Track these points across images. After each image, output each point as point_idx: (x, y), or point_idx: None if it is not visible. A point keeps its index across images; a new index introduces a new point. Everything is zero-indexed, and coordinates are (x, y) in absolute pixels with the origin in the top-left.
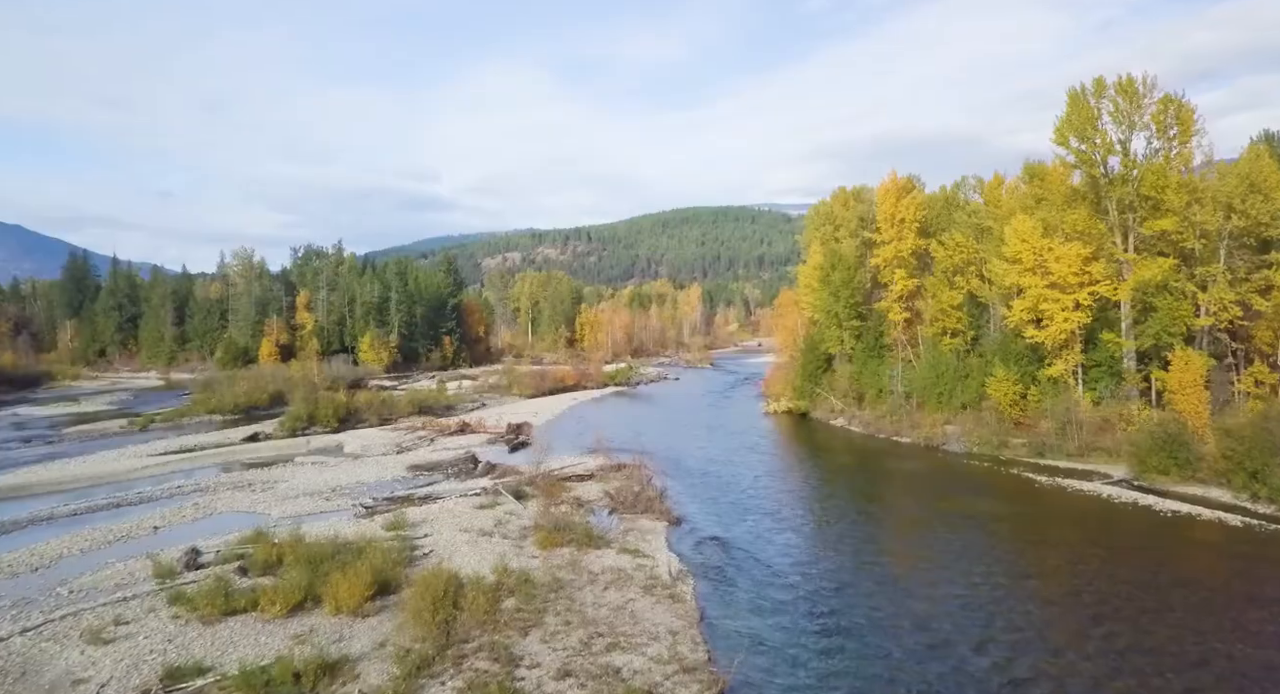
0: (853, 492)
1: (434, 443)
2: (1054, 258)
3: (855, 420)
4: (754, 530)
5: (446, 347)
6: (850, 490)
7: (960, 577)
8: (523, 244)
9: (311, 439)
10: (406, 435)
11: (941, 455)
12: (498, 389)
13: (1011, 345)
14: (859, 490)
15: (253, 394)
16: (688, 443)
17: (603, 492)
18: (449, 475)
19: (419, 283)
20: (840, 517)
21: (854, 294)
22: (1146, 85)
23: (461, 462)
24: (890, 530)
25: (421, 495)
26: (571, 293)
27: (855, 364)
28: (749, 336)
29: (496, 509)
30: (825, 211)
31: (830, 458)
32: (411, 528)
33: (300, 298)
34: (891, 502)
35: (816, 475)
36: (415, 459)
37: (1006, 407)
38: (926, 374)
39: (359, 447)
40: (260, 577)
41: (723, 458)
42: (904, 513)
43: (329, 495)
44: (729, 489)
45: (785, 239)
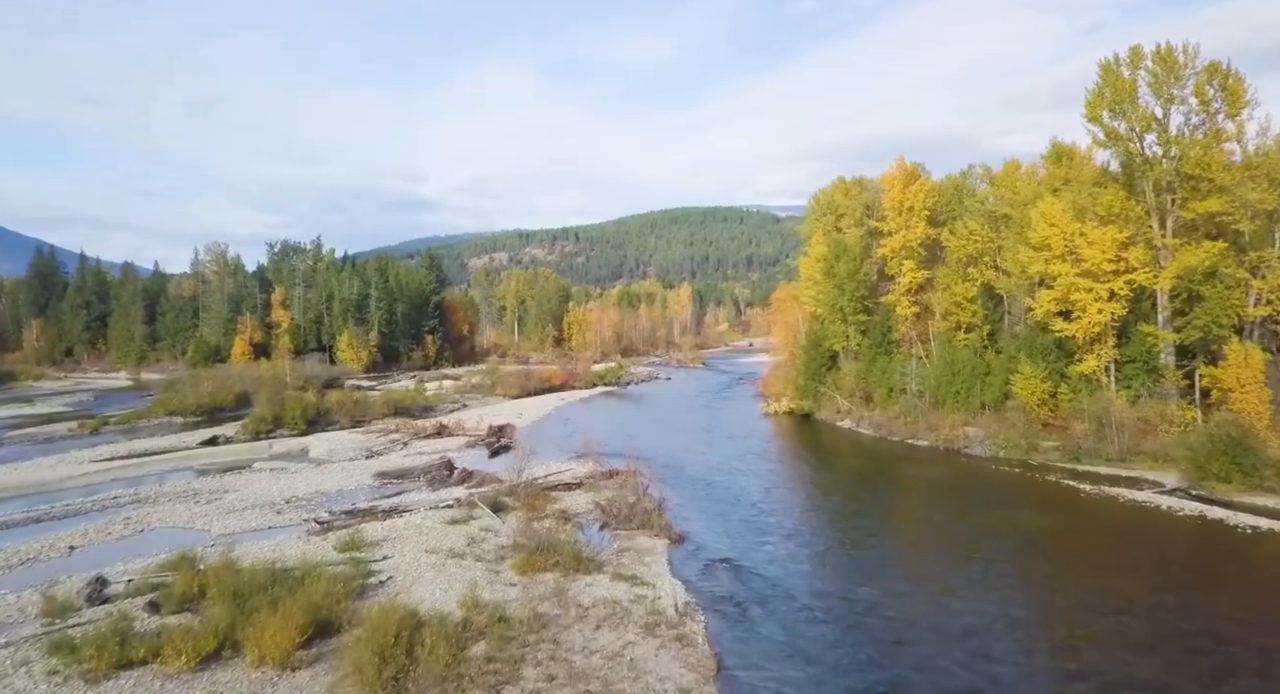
0: (875, 502)
1: (407, 447)
2: (1086, 243)
3: (864, 422)
4: (769, 550)
5: (429, 346)
6: (872, 501)
7: (1027, 612)
8: (510, 244)
9: (275, 443)
10: (379, 439)
11: (965, 460)
12: (480, 389)
13: (1037, 340)
14: (881, 501)
15: (217, 394)
16: (685, 447)
17: (593, 503)
18: (421, 484)
19: (400, 280)
20: (866, 533)
21: (859, 287)
22: (1188, 54)
23: (435, 468)
24: (927, 550)
25: (386, 508)
26: (559, 291)
27: (862, 361)
28: (739, 337)
29: (471, 524)
30: (826, 200)
31: (843, 463)
32: (369, 548)
33: (275, 295)
34: (921, 515)
35: (831, 483)
36: (385, 465)
37: (1035, 406)
38: (941, 372)
39: (325, 451)
40: (174, 614)
41: (725, 463)
42: (939, 529)
43: (282, 508)
44: (736, 500)
45: (774, 240)
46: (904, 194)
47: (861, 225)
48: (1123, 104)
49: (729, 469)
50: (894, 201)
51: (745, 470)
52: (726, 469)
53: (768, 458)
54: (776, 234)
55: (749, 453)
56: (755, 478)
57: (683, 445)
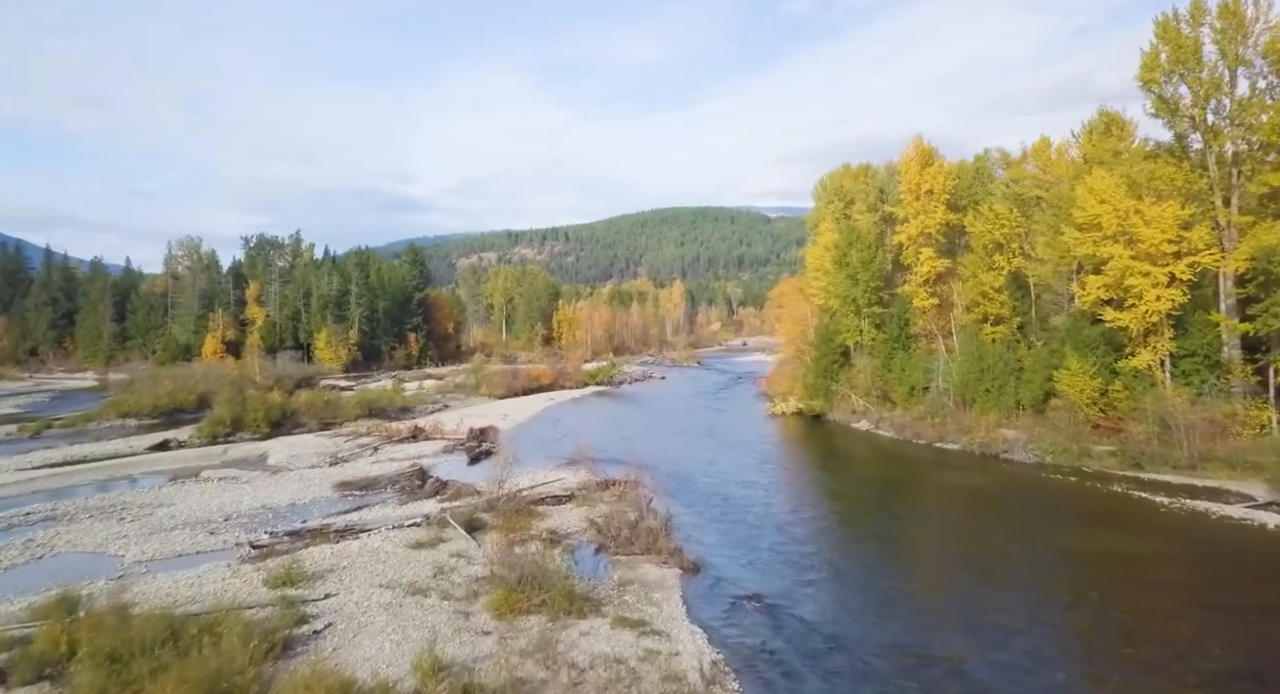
0: (919, 518)
1: (378, 452)
2: (1142, 222)
3: (884, 423)
4: (805, 582)
5: (412, 344)
6: (915, 516)
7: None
8: (498, 244)
9: (232, 448)
10: (347, 443)
11: (1006, 466)
12: (464, 389)
13: (1083, 331)
14: (926, 516)
15: (178, 395)
16: (689, 452)
17: (587, 520)
18: (387, 496)
19: (381, 276)
20: (918, 558)
21: (874, 277)
22: (1259, 7)
23: (405, 477)
24: (999, 582)
25: (341, 527)
26: (548, 289)
27: (878, 358)
28: (732, 336)
29: (440, 548)
30: (835, 185)
31: (869, 471)
32: (308, 583)
33: (250, 291)
34: (977, 533)
35: (862, 495)
36: (349, 473)
37: (1084, 405)
38: (969, 368)
39: (285, 457)
40: (26, 685)
41: (736, 472)
42: (1005, 553)
43: (219, 526)
44: (755, 516)
45: (765, 240)
46: (921, 176)
47: (875, 211)
48: (1186, 63)
49: (742, 479)
50: (911, 184)
51: (761, 480)
52: (739, 479)
53: (783, 464)
54: (768, 234)
55: (761, 459)
56: (773, 489)
57: (686, 450)
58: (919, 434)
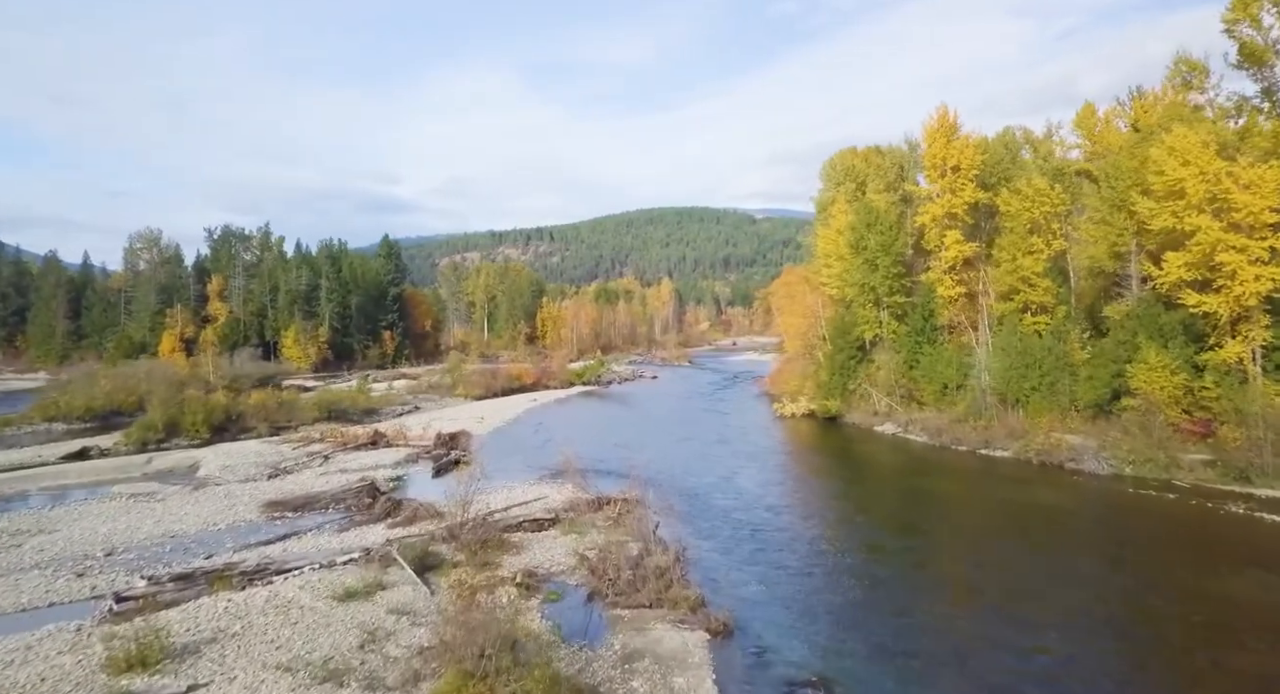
0: (1010, 554)
1: (329, 462)
2: (1237, 186)
3: (914, 426)
4: (885, 658)
5: (387, 342)
6: (1003, 551)
7: None
8: (482, 244)
9: (161, 457)
10: (296, 450)
11: (1077, 479)
12: (438, 389)
13: (1160, 318)
14: (1017, 552)
15: (115, 396)
16: (696, 462)
17: (575, 554)
18: (326, 520)
19: (355, 270)
20: (1040, 619)
21: (895, 263)
22: None
23: (353, 494)
24: (1163, 660)
25: (253, 565)
26: (531, 286)
27: (902, 352)
28: (721, 336)
29: (377, 599)
30: (845, 165)
31: (915, 484)
32: (174, 662)
33: (212, 285)
34: (1101, 582)
35: (921, 519)
36: (287, 489)
37: (1166, 406)
38: (1010, 364)
39: (218, 468)
40: None
41: (757, 488)
42: (1144, 608)
43: (95, 564)
44: (793, 549)
45: (751, 240)
46: (947, 150)
47: (893, 190)
48: None
49: (765, 497)
50: (935, 159)
51: (789, 499)
52: (762, 497)
53: (810, 478)
54: (754, 235)
55: (782, 470)
56: (808, 511)
57: (692, 460)
58: (959, 439)
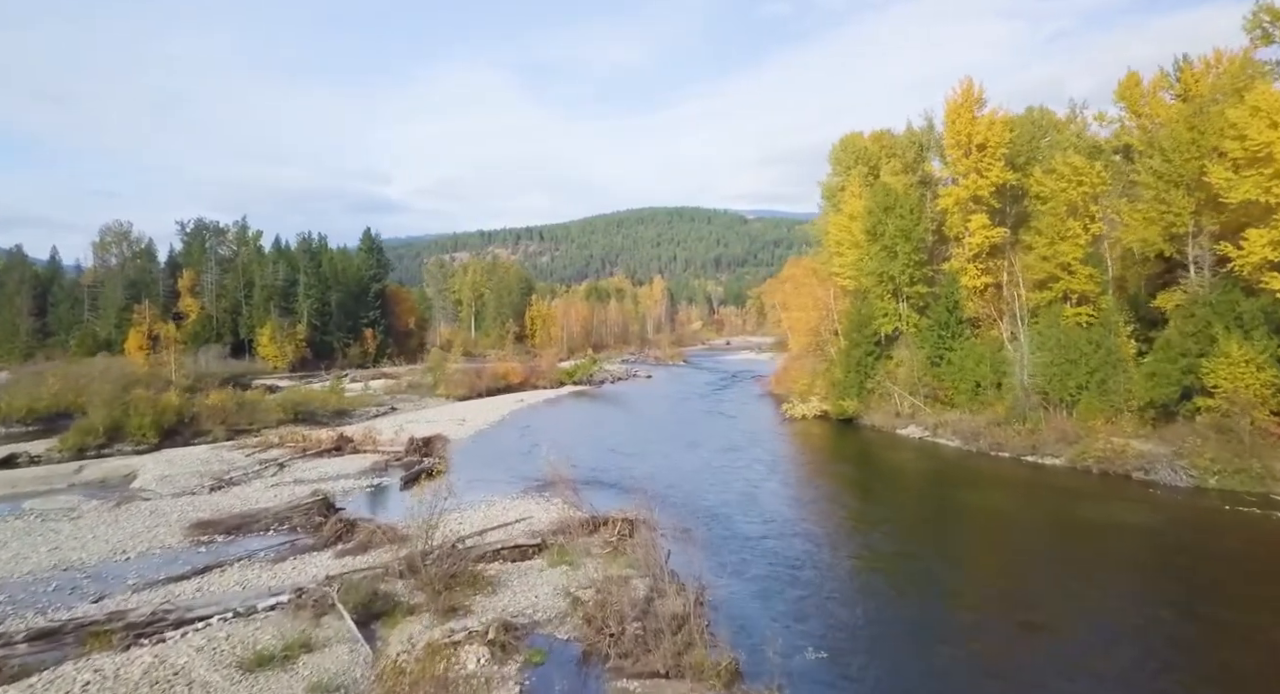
0: (1129, 601)
1: (284, 471)
2: None
3: (944, 429)
4: None
5: (368, 340)
6: (1122, 598)
7: None
8: (472, 244)
9: (95, 465)
10: (249, 457)
11: (1151, 492)
12: (419, 389)
13: (1239, 306)
14: (1134, 597)
15: (64, 396)
16: (706, 473)
17: (566, 594)
18: (262, 546)
19: (335, 265)
20: None
21: (916, 250)
22: None
23: (301, 512)
24: None
25: (148, 614)
26: (520, 283)
27: (925, 348)
28: (714, 335)
29: (298, 666)
30: (856, 148)
31: (965, 500)
32: None
33: (183, 281)
34: (1216, 628)
35: (985, 547)
36: (225, 506)
37: (1253, 406)
38: (1052, 359)
39: (156, 478)
40: None
41: (787, 508)
42: None
43: None
44: (852, 600)
45: (743, 240)
46: (972, 127)
47: (912, 171)
48: None
49: (801, 523)
50: (959, 137)
51: (828, 524)
52: (797, 522)
53: (845, 494)
54: (745, 235)
55: (811, 485)
56: (853, 540)
57: (701, 471)
58: (999, 444)
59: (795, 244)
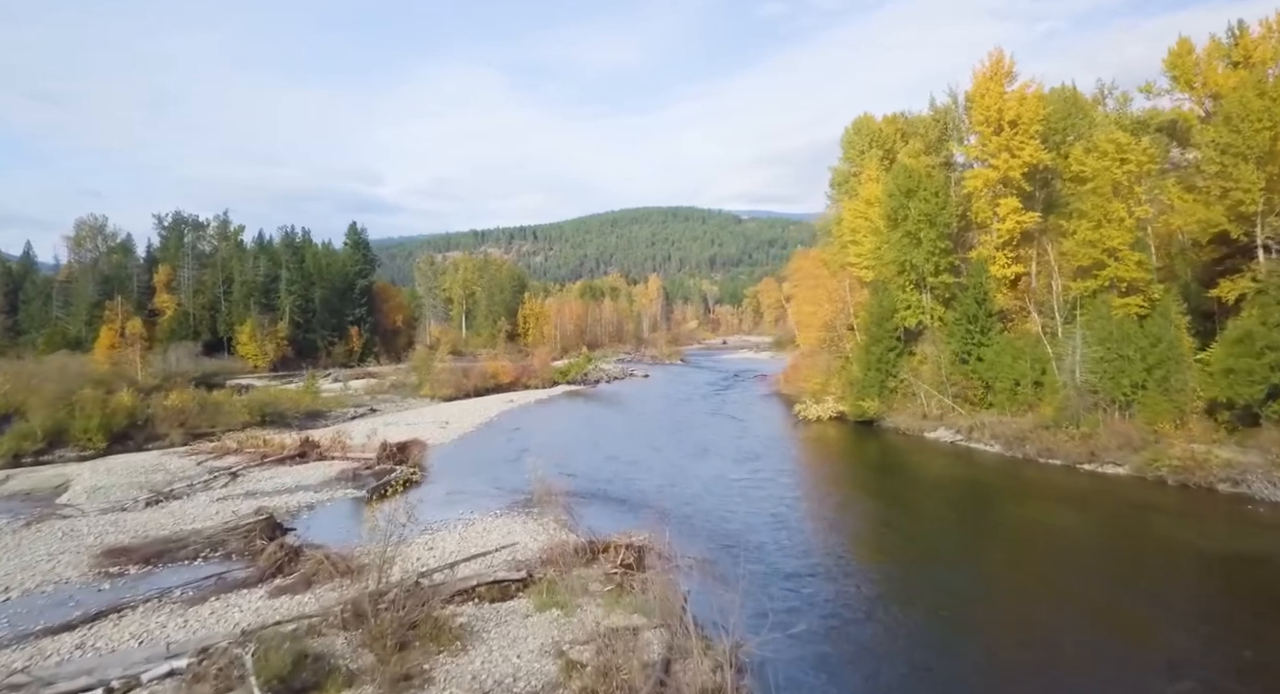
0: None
1: (236, 480)
2: None
3: (980, 432)
4: None
5: (353, 339)
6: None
7: None
8: (465, 243)
9: (27, 474)
10: (201, 464)
11: (1256, 510)
12: (403, 389)
13: None
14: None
15: (12, 397)
16: (722, 486)
17: (557, 655)
18: (184, 580)
19: (319, 261)
20: None
21: (942, 236)
22: None
23: (241, 535)
24: None
25: None
26: (513, 281)
27: (953, 343)
28: (710, 335)
29: None
30: (871, 131)
31: (1032, 518)
32: None
33: (159, 276)
34: None
35: (1083, 585)
36: (154, 526)
37: None
38: (1103, 355)
39: (88, 489)
40: None
41: (828, 535)
42: None
43: None
44: (945, 675)
45: (737, 240)
46: (1003, 102)
47: (935, 152)
48: None
49: (850, 558)
50: (988, 113)
51: (885, 557)
52: (845, 558)
53: (891, 514)
54: (740, 235)
55: (850, 503)
56: (922, 579)
57: (715, 483)
58: (1048, 450)
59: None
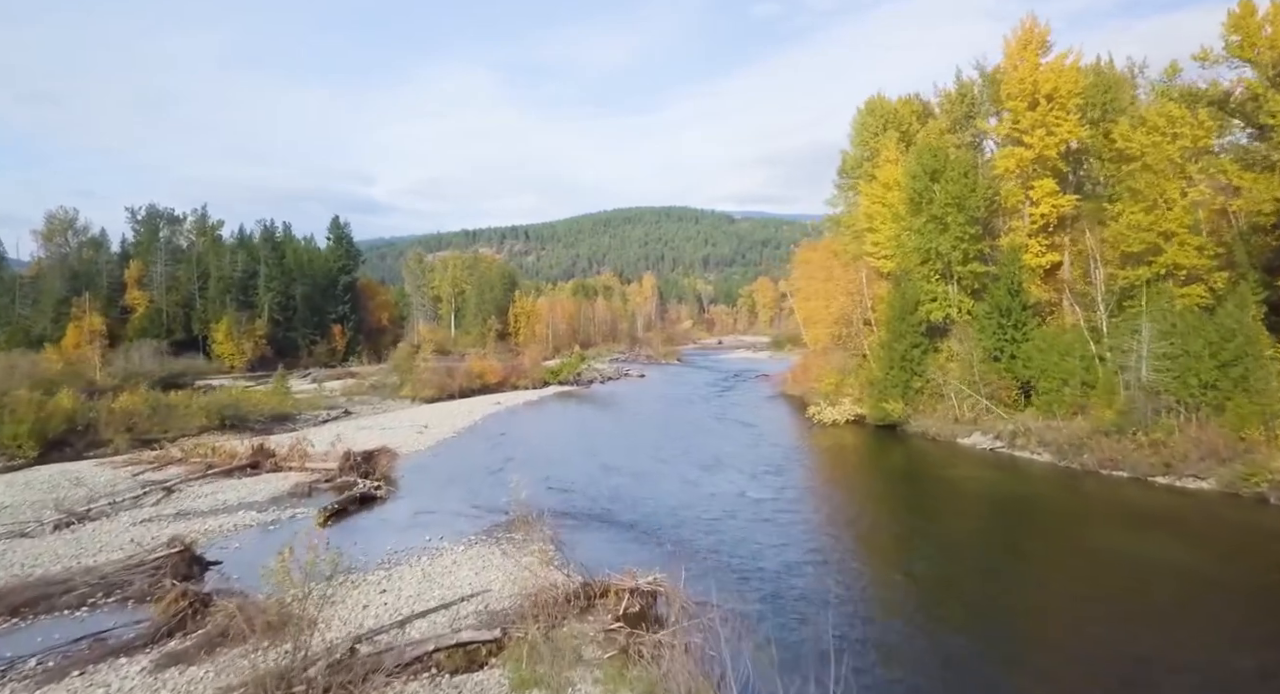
0: None
1: (170, 497)
2: None
3: (1025, 439)
4: None
5: (336, 337)
6: None
7: None
8: (456, 243)
9: None
10: (138, 476)
11: None
12: (382, 390)
13: None
14: None
15: None
16: (741, 507)
17: None
18: (51, 643)
19: (299, 256)
20: None
21: (971, 221)
22: None
23: (147, 572)
24: None
25: None
26: (503, 278)
27: (987, 338)
28: (705, 334)
29: None
30: (885, 111)
31: (1126, 545)
32: None
33: (130, 272)
34: None
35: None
36: (41, 560)
37: None
38: (1169, 352)
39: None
40: None
41: (887, 573)
42: None
43: None
44: None
45: (730, 240)
46: (1038, 74)
47: (961, 130)
48: None
49: (922, 603)
50: (1021, 86)
51: (968, 604)
52: (918, 603)
53: (950, 537)
54: (733, 235)
55: (897, 528)
56: (1014, 625)
57: (736, 504)
58: (1111, 460)
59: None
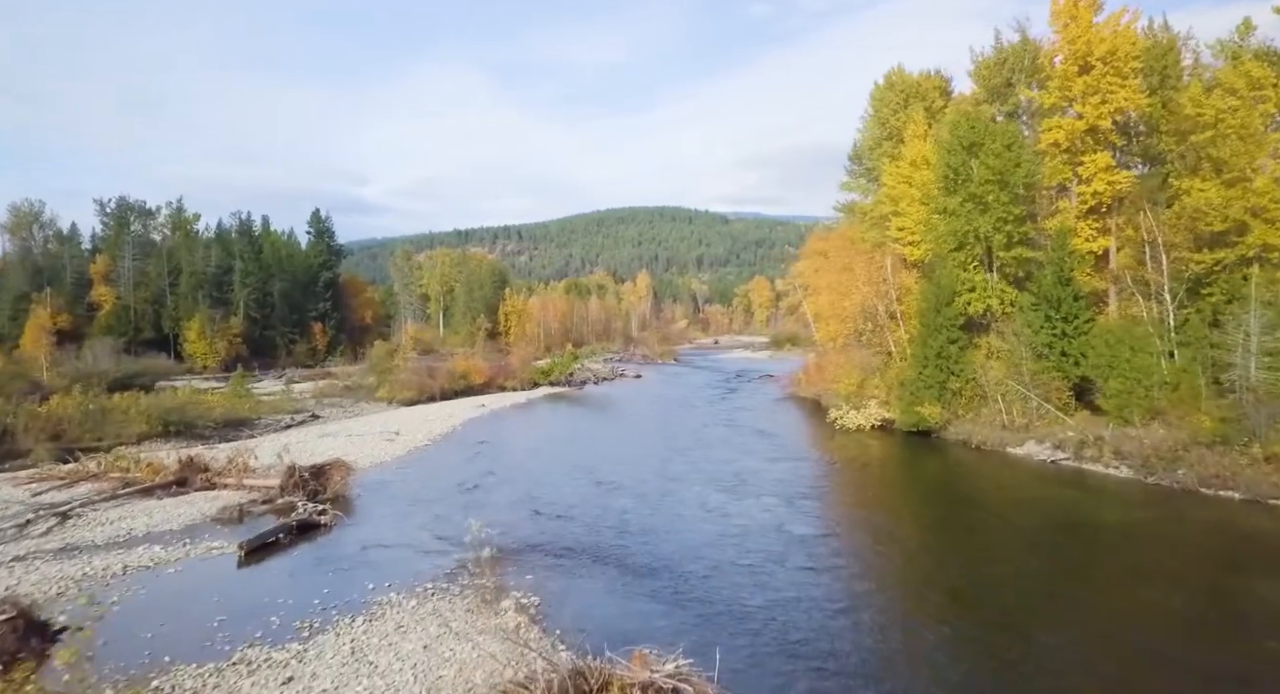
0: None
1: (65, 524)
2: None
3: (1099, 451)
4: None
5: (317, 336)
6: None
7: None
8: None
9: None
10: (39, 495)
11: None
12: (358, 391)
13: None
14: None
15: None
16: (777, 541)
17: None
18: None
19: (278, 251)
20: None
21: (1015, 201)
22: None
23: None
24: None
25: None
26: (493, 277)
27: (1041, 333)
28: (700, 334)
29: None
30: (907, 85)
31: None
32: None
33: (96, 267)
34: None
35: None
36: None
37: None
38: (1272, 347)
39: None
40: None
41: (1012, 663)
42: None
43: None
44: None
45: (724, 240)
46: (1091, 34)
47: (1000, 99)
48: None
49: None
50: (1074, 48)
51: None
52: None
53: (1077, 593)
54: (727, 235)
55: (999, 586)
56: None
57: (775, 539)
58: (1216, 478)
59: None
